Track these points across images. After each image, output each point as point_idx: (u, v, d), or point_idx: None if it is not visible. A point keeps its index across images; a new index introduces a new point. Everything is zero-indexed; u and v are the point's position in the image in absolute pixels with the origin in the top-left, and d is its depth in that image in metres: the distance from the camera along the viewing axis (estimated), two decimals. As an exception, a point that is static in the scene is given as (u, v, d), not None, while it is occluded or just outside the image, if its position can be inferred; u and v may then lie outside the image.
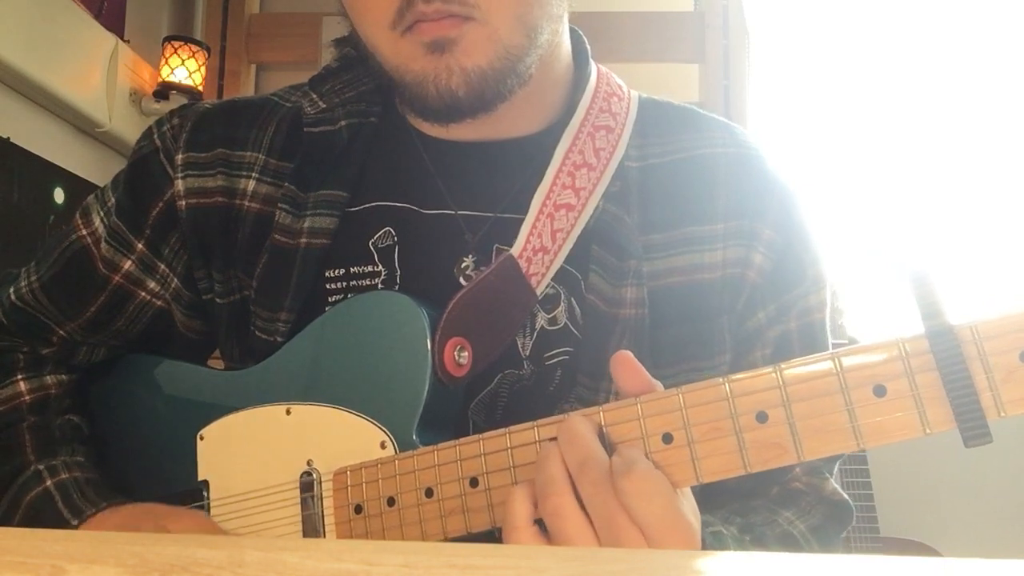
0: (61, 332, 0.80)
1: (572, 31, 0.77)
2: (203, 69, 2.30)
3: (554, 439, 0.54)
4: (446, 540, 0.59)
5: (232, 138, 0.76)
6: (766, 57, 2.44)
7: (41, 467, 0.73)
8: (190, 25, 2.58)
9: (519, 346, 0.69)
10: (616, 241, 0.69)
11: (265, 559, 0.32)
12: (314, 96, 0.77)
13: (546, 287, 0.69)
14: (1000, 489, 2.12)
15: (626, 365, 0.55)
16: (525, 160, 0.72)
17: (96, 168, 2.14)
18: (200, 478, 0.72)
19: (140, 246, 0.77)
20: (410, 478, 0.60)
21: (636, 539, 0.49)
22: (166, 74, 2.24)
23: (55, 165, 1.97)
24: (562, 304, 0.69)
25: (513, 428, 0.57)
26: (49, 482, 0.72)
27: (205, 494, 0.71)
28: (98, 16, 2.08)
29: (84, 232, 0.79)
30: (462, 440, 0.59)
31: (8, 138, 1.81)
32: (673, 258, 0.70)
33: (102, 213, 0.79)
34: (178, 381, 0.78)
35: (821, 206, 2.32)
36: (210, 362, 0.82)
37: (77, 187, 2.00)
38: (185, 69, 2.25)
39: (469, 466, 0.58)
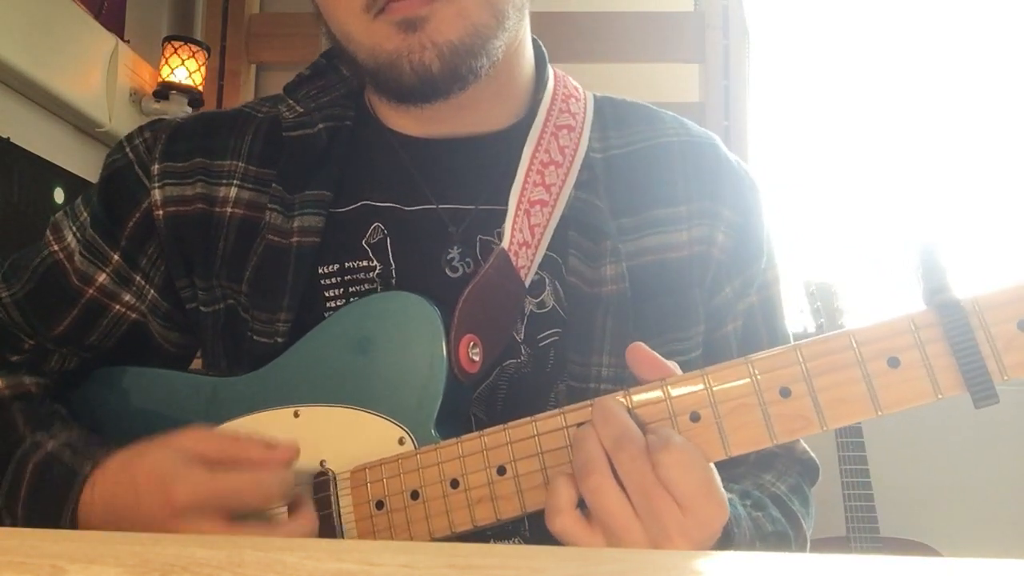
0: (32, 342, 0.79)
1: (532, 39, 0.81)
2: (203, 69, 2.30)
3: (582, 424, 0.56)
4: (475, 529, 0.61)
5: (210, 148, 0.77)
6: (766, 57, 2.44)
7: (38, 437, 0.72)
8: (190, 25, 2.58)
9: (514, 332, 0.72)
10: (591, 225, 0.73)
11: (265, 559, 0.32)
12: (291, 102, 0.80)
13: (531, 278, 0.72)
14: (1000, 489, 2.12)
15: (641, 355, 0.58)
16: (497, 154, 0.75)
17: (96, 168, 2.12)
18: None
19: (116, 258, 0.77)
20: (434, 470, 0.62)
21: (672, 510, 0.52)
22: (166, 74, 2.24)
23: (55, 165, 1.97)
24: (547, 288, 0.73)
25: (539, 416, 0.59)
26: (50, 445, 0.70)
27: None
28: (98, 16, 2.08)
29: (56, 248, 0.78)
30: (487, 431, 0.61)
31: (8, 138, 1.80)
32: (644, 239, 0.74)
33: (75, 228, 0.79)
34: (172, 390, 0.76)
35: (820, 205, 2.32)
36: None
37: (77, 187, 2.00)
38: (185, 69, 2.25)
39: (496, 455, 0.60)
